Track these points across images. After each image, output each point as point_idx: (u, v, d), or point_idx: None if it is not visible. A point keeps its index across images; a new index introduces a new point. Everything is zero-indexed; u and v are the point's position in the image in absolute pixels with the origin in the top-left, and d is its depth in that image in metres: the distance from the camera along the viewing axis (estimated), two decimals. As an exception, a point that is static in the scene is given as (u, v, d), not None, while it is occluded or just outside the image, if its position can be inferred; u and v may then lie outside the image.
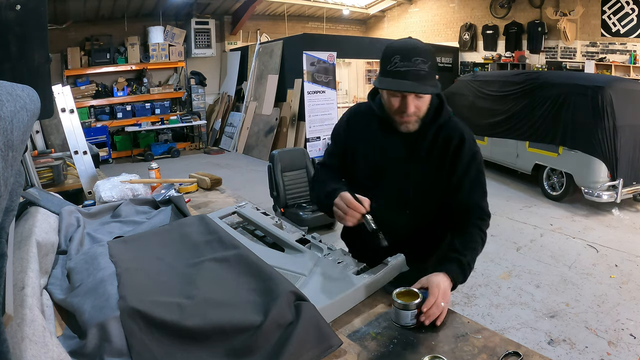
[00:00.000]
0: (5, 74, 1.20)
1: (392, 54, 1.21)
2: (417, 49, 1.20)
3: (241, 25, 10.27)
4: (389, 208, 1.37)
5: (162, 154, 8.77)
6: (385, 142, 1.37)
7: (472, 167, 1.32)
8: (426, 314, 1.06)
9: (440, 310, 1.08)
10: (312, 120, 7.99)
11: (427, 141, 1.33)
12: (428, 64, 1.19)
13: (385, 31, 12.38)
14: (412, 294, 1.09)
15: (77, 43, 8.29)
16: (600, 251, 3.98)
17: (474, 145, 1.35)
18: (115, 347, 0.88)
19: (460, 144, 1.32)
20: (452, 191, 1.33)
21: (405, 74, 1.19)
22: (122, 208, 1.75)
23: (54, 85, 1.99)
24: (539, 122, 5.43)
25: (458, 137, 1.33)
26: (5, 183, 0.58)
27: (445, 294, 1.11)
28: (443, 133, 1.33)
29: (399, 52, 1.20)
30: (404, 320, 1.06)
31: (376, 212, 1.34)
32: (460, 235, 1.29)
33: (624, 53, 7.98)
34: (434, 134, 1.33)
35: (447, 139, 1.33)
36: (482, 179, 1.35)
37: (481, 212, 1.33)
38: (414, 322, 1.06)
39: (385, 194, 1.38)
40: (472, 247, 1.27)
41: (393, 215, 1.36)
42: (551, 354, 2.49)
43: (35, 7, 1.21)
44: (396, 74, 1.20)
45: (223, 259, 1.20)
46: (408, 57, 1.18)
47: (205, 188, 2.26)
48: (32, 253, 1.09)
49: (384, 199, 1.37)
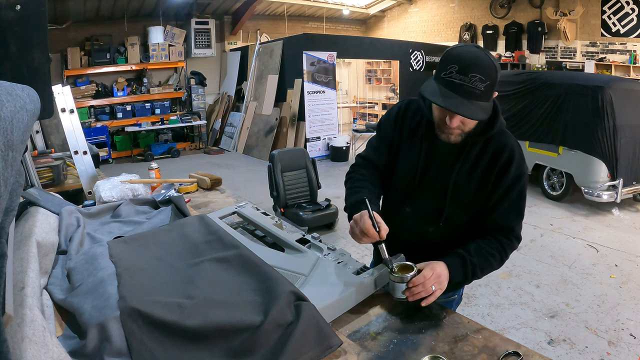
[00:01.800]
0: (5, 74, 1.19)
1: (451, 61, 1.09)
2: (479, 64, 1.08)
3: (241, 25, 10.28)
4: (421, 216, 1.32)
5: (162, 154, 8.77)
6: (430, 147, 1.29)
7: (515, 189, 1.23)
8: (410, 290, 1.08)
9: (428, 292, 1.08)
10: (312, 120, 8.00)
11: (474, 153, 1.24)
12: (486, 83, 1.07)
13: (385, 31, 12.39)
14: (407, 267, 1.12)
15: (77, 43, 8.31)
16: (600, 251, 3.99)
17: (522, 165, 1.25)
18: (115, 347, 0.88)
19: (508, 162, 1.22)
20: (488, 209, 1.26)
21: (457, 88, 1.08)
22: (122, 208, 1.75)
23: (54, 85, 1.99)
24: (539, 122, 5.43)
25: (508, 153, 1.23)
26: (5, 183, 0.58)
27: (437, 279, 1.11)
28: (492, 147, 1.24)
29: (459, 62, 1.08)
30: (398, 292, 1.09)
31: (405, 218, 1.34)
32: (479, 241, 1.24)
33: (624, 53, 7.99)
34: (482, 146, 1.24)
35: (495, 153, 1.23)
36: (522, 203, 1.26)
37: (510, 233, 1.25)
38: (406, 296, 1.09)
39: (421, 201, 1.32)
40: (484, 254, 1.22)
41: (423, 224, 1.32)
42: (551, 354, 2.49)
43: (35, 7, 1.21)
44: (449, 84, 1.09)
45: (223, 259, 1.21)
46: (465, 71, 1.07)
47: (205, 188, 2.26)
48: (32, 253, 1.09)
49: (419, 206, 1.33)
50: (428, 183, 1.30)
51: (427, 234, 1.33)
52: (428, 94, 1.13)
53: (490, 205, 1.25)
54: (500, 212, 1.24)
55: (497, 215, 1.25)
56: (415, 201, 1.33)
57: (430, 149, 1.29)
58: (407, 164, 1.33)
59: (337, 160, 7.98)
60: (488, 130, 1.22)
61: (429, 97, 1.13)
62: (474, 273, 1.20)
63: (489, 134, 1.22)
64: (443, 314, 1.11)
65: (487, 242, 1.24)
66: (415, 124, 1.32)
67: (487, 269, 1.23)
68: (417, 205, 1.33)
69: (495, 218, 1.25)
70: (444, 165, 1.27)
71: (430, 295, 1.09)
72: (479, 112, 1.10)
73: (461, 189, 1.26)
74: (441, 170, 1.28)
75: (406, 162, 1.33)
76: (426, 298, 1.09)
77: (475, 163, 1.24)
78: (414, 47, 9.52)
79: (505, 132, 1.26)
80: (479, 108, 1.09)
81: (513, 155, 1.23)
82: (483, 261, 1.21)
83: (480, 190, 1.25)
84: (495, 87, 1.11)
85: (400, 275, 1.08)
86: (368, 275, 1.19)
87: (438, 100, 1.10)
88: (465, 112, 1.09)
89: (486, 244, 1.23)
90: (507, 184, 1.22)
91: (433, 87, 1.13)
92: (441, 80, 1.11)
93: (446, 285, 1.14)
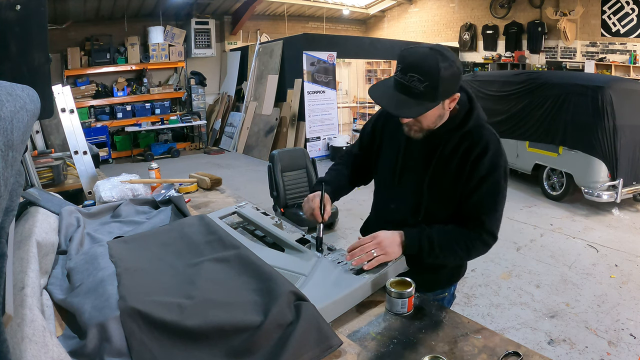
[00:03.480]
0: (5, 74, 1.20)
1: (399, 61, 1.14)
2: (420, 65, 1.09)
3: (241, 25, 10.28)
4: (404, 211, 1.36)
5: (162, 154, 8.77)
6: (407, 145, 1.33)
7: (488, 181, 1.22)
8: (351, 254, 1.17)
9: (369, 256, 1.16)
10: (312, 120, 8.00)
11: (449, 148, 1.26)
12: (425, 84, 1.08)
13: (385, 31, 12.38)
14: (405, 283, 1.13)
15: (77, 43, 8.31)
16: (600, 251, 3.99)
17: (498, 159, 1.23)
18: (115, 347, 0.88)
19: (482, 154, 1.22)
20: (463, 200, 1.26)
21: (399, 87, 1.13)
22: (122, 208, 1.75)
23: (54, 85, 1.99)
24: (539, 122, 5.43)
25: (481, 147, 1.23)
26: (5, 183, 0.58)
27: (378, 245, 1.17)
28: (467, 141, 1.24)
29: (402, 62, 1.12)
30: (396, 307, 1.10)
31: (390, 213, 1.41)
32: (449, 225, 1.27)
33: (624, 53, 7.99)
34: (457, 142, 1.25)
35: (469, 147, 1.24)
36: (496, 198, 1.24)
37: (480, 226, 1.24)
38: (405, 309, 1.10)
39: (402, 197, 1.37)
40: (447, 235, 1.24)
41: (406, 219, 1.34)
42: (551, 354, 2.49)
43: (35, 7, 1.21)
44: (394, 83, 1.14)
45: (223, 259, 1.21)
46: (405, 71, 1.11)
47: (205, 188, 2.26)
48: (32, 253, 1.09)
49: (401, 201, 1.37)
50: (407, 179, 1.36)
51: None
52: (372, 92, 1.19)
53: (463, 198, 1.26)
54: (471, 204, 1.25)
55: (469, 206, 1.25)
56: (397, 197, 1.39)
57: (407, 146, 1.34)
58: (387, 162, 1.40)
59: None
60: (463, 126, 1.24)
61: (371, 95, 1.19)
62: (431, 248, 1.22)
63: (463, 130, 1.24)
64: (443, 314, 1.11)
65: (455, 228, 1.26)
66: (398, 124, 1.34)
67: (447, 250, 1.24)
68: (399, 201, 1.38)
69: (467, 209, 1.26)
70: (421, 162, 1.31)
71: (373, 259, 1.16)
72: (411, 111, 1.13)
73: (437, 183, 1.29)
74: (418, 167, 1.32)
75: (387, 160, 1.41)
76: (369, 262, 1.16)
77: (450, 157, 1.26)
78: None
79: (483, 126, 1.27)
80: (416, 107, 1.11)
81: (487, 147, 1.22)
82: (444, 241, 1.23)
83: (456, 184, 1.26)
84: (439, 88, 1.10)
85: (399, 291, 1.10)
86: (368, 276, 1.19)
87: (376, 97, 1.17)
88: (395, 109, 1.14)
89: (454, 228, 1.26)
90: (479, 175, 1.22)
91: (378, 87, 1.20)
92: (393, 79, 1.16)
93: (396, 251, 1.20)
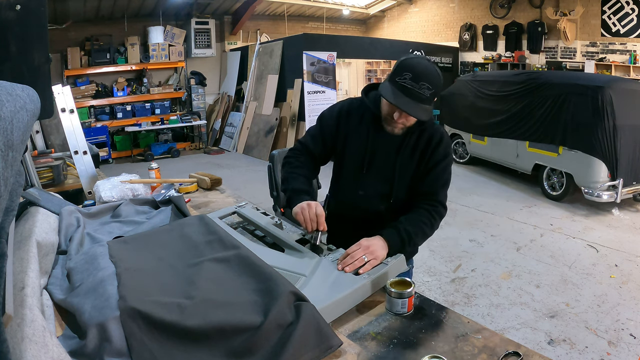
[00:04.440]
0: (5, 74, 1.20)
1: (407, 69, 1.31)
2: (429, 75, 1.32)
3: (241, 25, 10.28)
4: (373, 197, 1.54)
5: (162, 154, 8.77)
6: (376, 137, 1.51)
7: (441, 165, 1.48)
8: (343, 262, 1.23)
9: (361, 262, 1.23)
10: (312, 120, 7.99)
11: (413, 139, 1.49)
12: (432, 91, 1.31)
13: (385, 31, 12.38)
14: (405, 283, 1.14)
15: (77, 43, 8.30)
16: (600, 251, 3.99)
17: (449, 149, 1.54)
18: (115, 347, 0.88)
19: (439, 143, 1.49)
20: (417, 180, 1.50)
21: (408, 92, 1.31)
22: (122, 208, 1.75)
23: (54, 85, 1.99)
24: (539, 122, 5.43)
25: (439, 136, 1.50)
26: (5, 183, 0.58)
27: (366, 250, 1.26)
28: (427, 133, 1.50)
29: (412, 71, 1.31)
30: (396, 307, 1.11)
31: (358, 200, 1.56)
32: (408, 214, 1.46)
33: (624, 53, 7.98)
34: (419, 134, 1.50)
35: (429, 137, 1.49)
36: (446, 176, 1.50)
37: (432, 198, 1.48)
38: (405, 309, 1.11)
39: (372, 184, 1.54)
40: (415, 221, 1.42)
41: (376, 203, 1.54)
42: (551, 354, 2.49)
43: (35, 7, 1.21)
44: (402, 88, 1.32)
45: (223, 259, 1.21)
46: (417, 79, 1.30)
47: (205, 188, 2.26)
48: (32, 253, 1.09)
49: (370, 188, 1.54)
50: (376, 168, 1.53)
51: (380, 212, 1.54)
52: (385, 93, 1.36)
53: (418, 177, 1.50)
54: (427, 182, 1.49)
55: (425, 184, 1.49)
56: (365, 184, 1.55)
57: (375, 138, 1.51)
58: (355, 152, 1.54)
59: (337, 160, 7.99)
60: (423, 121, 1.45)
61: (386, 97, 1.35)
62: (410, 238, 1.39)
63: (424, 125, 1.49)
64: (443, 314, 1.12)
65: (416, 211, 1.46)
66: (360, 118, 1.55)
67: (420, 234, 1.43)
68: (367, 187, 1.54)
69: (423, 185, 1.50)
70: (389, 152, 1.50)
71: (366, 264, 1.23)
72: (422, 113, 1.35)
73: (405, 170, 1.51)
74: (387, 156, 1.51)
75: (355, 150, 1.54)
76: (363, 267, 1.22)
77: (414, 147, 1.50)
78: (414, 47, 9.52)
79: (434, 122, 1.55)
80: (422, 110, 1.34)
81: (442, 138, 1.50)
82: (415, 227, 1.41)
83: (418, 167, 1.50)
84: (438, 94, 1.37)
85: (399, 291, 1.10)
86: (368, 276, 1.19)
87: (392, 99, 1.33)
88: (412, 112, 1.33)
89: (415, 212, 1.46)
90: (435, 160, 1.48)
91: (387, 88, 1.36)
92: (395, 83, 1.33)
93: (383, 253, 1.29)
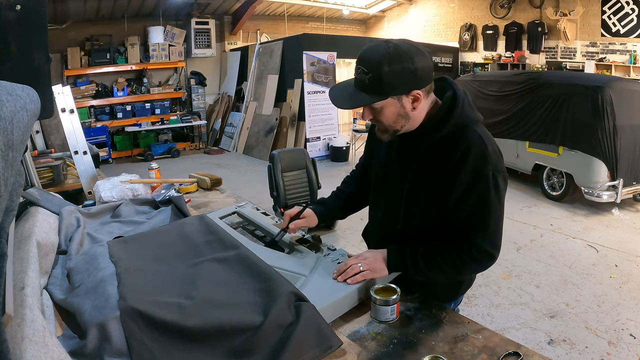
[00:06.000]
0: (5, 74, 1.19)
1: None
2: (366, 57, 1.06)
3: (241, 25, 10.27)
4: (386, 219, 1.29)
5: (162, 154, 8.77)
6: (389, 153, 1.26)
7: (474, 191, 1.07)
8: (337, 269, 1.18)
9: (354, 270, 1.15)
10: (312, 120, 8.00)
11: (422, 153, 1.15)
12: (369, 76, 1.04)
13: (385, 31, 12.37)
14: (389, 289, 1.11)
15: (77, 43, 8.30)
16: (600, 251, 3.98)
17: (482, 166, 1.06)
18: (115, 347, 0.88)
19: (462, 160, 1.07)
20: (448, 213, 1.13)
21: (353, 80, 1.11)
22: (122, 208, 1.75)
23: (54, 85, 1.99)
24: (539, 122, 5.43)
25: (461, 151, 1.07)
26: (5, 183, 0.58)
27: (366, 259, 1.18)
28: (445, 144, 1.10)
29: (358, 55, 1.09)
30: (384, 315, 1.08)
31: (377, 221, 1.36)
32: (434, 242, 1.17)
33: (624, 53, 7.98)
34: (434, 146, 1.13)
35: (446, 152, 1.10)
36: (487, 211, 1.08)
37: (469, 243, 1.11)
38: (394, 316, 1.08)
39: (384, 204, 1.30)
40: (432, 250, 1.15)
41: (387, 227, 1.28)
42: (551, 354, 2.49)
43: (35, 7, 1.21)
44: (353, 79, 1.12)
45: (223, 259, 1.21)
46: (356, 63, 1.08)
47: (205, 188, 2.26)
48: (32, 253, 1.09)
49: (384, 210, 1.31)
50: (389, 186, 1.28)
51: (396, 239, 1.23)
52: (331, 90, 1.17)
53: (448, 213, 1.13)
54: (458, 218, 1.12)
55: (455, 221, 1.13)
56: (382, 205, 1.32)
57: (388, 156, 1.26)
58: (374, 171, 1.34)
59: (337, 160, 7.98)
60: (440, 128, 1.10)
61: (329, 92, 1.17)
62: (415, 263, 1.14)
63: (441, 132, 1.10)
64: (443, 314, 1.12)
65: (442, 244, 1.16)
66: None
67: (433, 267, 1.14)
68: (383, 209, 1.31)
69: (453, 223, 1.13)
70: (400, 167, 1.22)
71: (358, 273, 1.15)
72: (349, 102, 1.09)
73: (414, 189, 1.18)
74: (398, 172, 1.23)
75: (376, 165, 1.33)
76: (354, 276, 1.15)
77: (425, 162, 1.15)
78: (414, 47, 9.51)
79: (467, 127, 1.10)
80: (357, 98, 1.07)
81: (468, 152, 1.06)
82: (429, 257, 1.14)
83: (434, 191, 1.14)
84: (382, 81, 1.03)
85: (384, 299, 1.06)
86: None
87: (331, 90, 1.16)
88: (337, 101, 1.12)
89: (441, 244, 1.16)
90: (462, 187, 1.08)
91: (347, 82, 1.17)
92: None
93: (381, 267, 1.18)
